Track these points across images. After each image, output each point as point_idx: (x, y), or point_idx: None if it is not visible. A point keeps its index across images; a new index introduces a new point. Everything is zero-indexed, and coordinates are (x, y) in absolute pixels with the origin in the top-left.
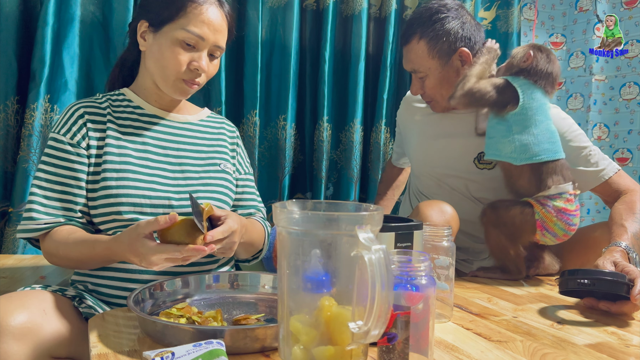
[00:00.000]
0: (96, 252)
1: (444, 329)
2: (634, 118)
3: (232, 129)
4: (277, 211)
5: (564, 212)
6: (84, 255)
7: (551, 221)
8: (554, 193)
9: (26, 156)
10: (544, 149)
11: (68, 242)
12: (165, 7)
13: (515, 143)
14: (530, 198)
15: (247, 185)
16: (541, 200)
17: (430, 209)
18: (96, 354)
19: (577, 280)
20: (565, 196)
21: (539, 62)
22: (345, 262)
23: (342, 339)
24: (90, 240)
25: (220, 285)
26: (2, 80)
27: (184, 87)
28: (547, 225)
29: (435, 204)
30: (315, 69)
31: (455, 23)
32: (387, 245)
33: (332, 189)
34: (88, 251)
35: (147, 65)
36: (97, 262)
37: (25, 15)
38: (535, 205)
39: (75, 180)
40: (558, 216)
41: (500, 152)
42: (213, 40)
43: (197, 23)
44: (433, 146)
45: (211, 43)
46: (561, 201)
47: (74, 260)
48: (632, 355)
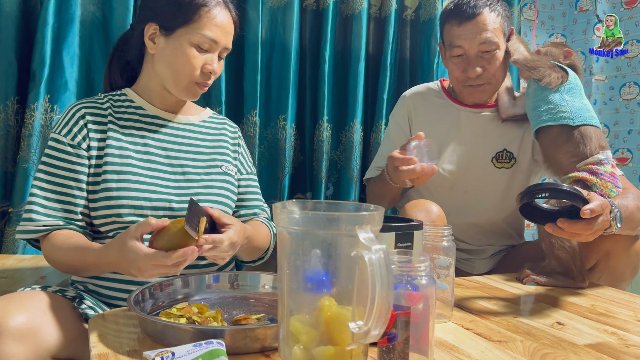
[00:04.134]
0: (87, 261)
1: (444, 329)
2: (634, 118)
3: (234, 129)
4: (277, 211)
5: (614, 176)
6: (76, 262)
7: (607, 187)
8: (603, 158)
9: (26, 156)
10: (593, 116)
11: (63, 247)
12: (178, 11)
13: (571, 107)
14: (577, 173)
15: (249, 185)
16: (593, 170)
17: (416, 209)
18: (96, 354)
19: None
20: (611, 162)
21: (574, 58)
22: (345, 262)
23: (342, 339)
24: (83, 247)
25: (220, 285)
26: (2, 80)
27: (196, 90)
28: (605, 194)
29: (421, 204)
30: (315, 69)
31: (506, 5)
32: (387, 245)
33: (332, 189)
34: (80, 258)
35: (157, 68)
36: (89, 271)
37: (25, 15)
38: (589, 178)
39: (76, 181)
40: (612, 181)
41: (555, 117)
42: (224, 43)
43: (211, 27)
44: (449, 144)
45: (222, 45)
46: (609, 166)
47: (68, 266)
48: (632, 355)
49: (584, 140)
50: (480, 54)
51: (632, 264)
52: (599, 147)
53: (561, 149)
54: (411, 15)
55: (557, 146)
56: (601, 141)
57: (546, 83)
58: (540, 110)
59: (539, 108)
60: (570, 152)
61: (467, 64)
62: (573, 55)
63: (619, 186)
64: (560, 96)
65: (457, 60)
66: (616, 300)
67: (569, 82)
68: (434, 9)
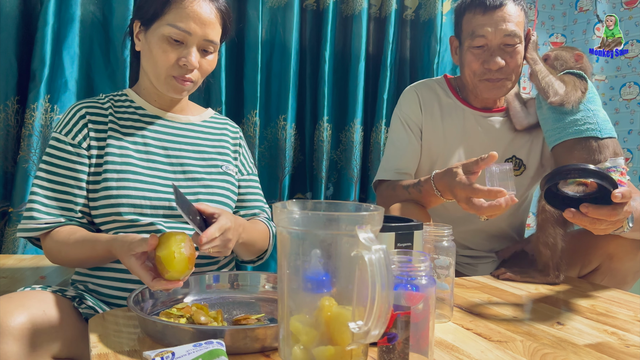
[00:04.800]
0: (97, 252)
1: (444, 329)
2: (634, 118)
3: (235, 130)
4: (277, 211)
5: (620, 184)
6: (85, 255)
7: None
8: (610, 166)
9: (26, 156)
10: (612, 127)
11: (69, 242)
12: (153, 4)
13: (597, 118)
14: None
15: (250, 185)
16: None
17: (401, 213)
18: (96, 354)
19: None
20: (620, 169)
21: (585, 61)
22: (345, 262)
23: (342, 339)
24: (91, 240)
25: (220, 285)
26: (2, 80)
27: (176, 85)
28: None
29: (407, 207)
30: (315, 69)
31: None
32: (387, 245)
33: (332, 189)
34: (89, 251)
35: (143, 65)
36: (99, 261)
37: (25, 15)
38: None
39: (76, 180)
40: None
41: (581, 129)
42: (201, 34)
43: (182, 17)
44: (457, 148)
45: (200, 37)
46: (616, 174)
47: (76, 260)
48: (632, 355)
49: (600, 148)
50: (503, 47)
51: (635, 268)
52: (614, 155)
53: (575, 156)
54: (411, 15)
55: (572, 153)
56: (617, 149)
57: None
58: (566, 122)
59: (563, 120)
60: (583, 159)
61: (489, 55)
62: (584, 59)
63: None
64: (585, 107)
65: (477, 51)
66: (616, 300)
67: (589, 91)
68: (434, 9)
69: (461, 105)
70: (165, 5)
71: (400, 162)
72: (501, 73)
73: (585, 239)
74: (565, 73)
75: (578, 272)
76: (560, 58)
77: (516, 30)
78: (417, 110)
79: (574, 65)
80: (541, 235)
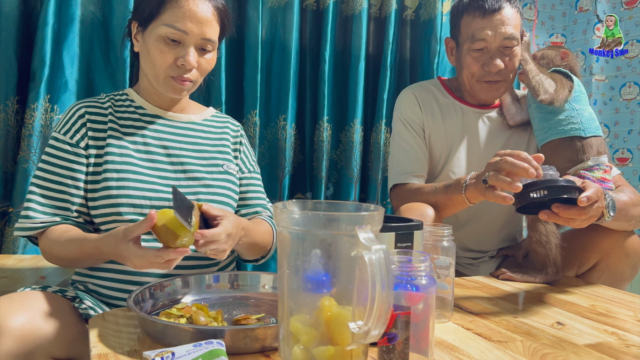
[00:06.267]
0: (85, 251)
1: (444, 329)
2: (634, 118)
3: (236, 128)
4: (277, 211)
5: (603, 181)
6: (74, 254)
7: None
8: (593, 165)
9: (26, 156)
10: (598, 125)
11: (60, 240)
12: (149, 4)
13: (581, 117)
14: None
15: (251, 184)
16: (580, 174)
17: (410, 213)
18: (96, 354)
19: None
20: (603, 167)
21: (571, 59)
22: (345, 262)
23: (342, 339)
24: (80, 238)
25: (220, 285)
26: (2, 80)
27: (175, 85)
28: None
29: (416, 207)
30: (315, 69)
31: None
32: (387, 245)
33: (332, 189)
34: (77, 250)
35: (141, 66)
36: (89, 261)
37: (25, 15)
38: None
39: (73, 180)
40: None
41: (566, 129)
42: (198, 33)
43: (178, 17)
44: (458, 147)
45: (197, 36)
46: (599, 172)
47: (67, 259)
48: (632, 355)
49: (584, 147)
50: (502, 49)
51: (632, 263)
52: (597, 154)
53: (559, 156)
54: (411, 15)
55: (556, 152)
56: (600, 148)
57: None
58: (551, 122)
59: (549, 120)
60: (567, 158)
61: (489, 57)
62: (570, 57)
63: (609, 189)
64: (570, 106)
65: (476, 54)
66: (616, 300)
67: (575, 90)
68: (434, 9)
69: (459, 104)
70: (161, 5)
71: (415, 165)
72: (499, 75)
73: (580, 238)
74: (552, 71)
75: (575, 271)
76: (546, 57)
77: (514, 33)
78: (417, 111)
79: (560, 63)
80: (534, 234)
